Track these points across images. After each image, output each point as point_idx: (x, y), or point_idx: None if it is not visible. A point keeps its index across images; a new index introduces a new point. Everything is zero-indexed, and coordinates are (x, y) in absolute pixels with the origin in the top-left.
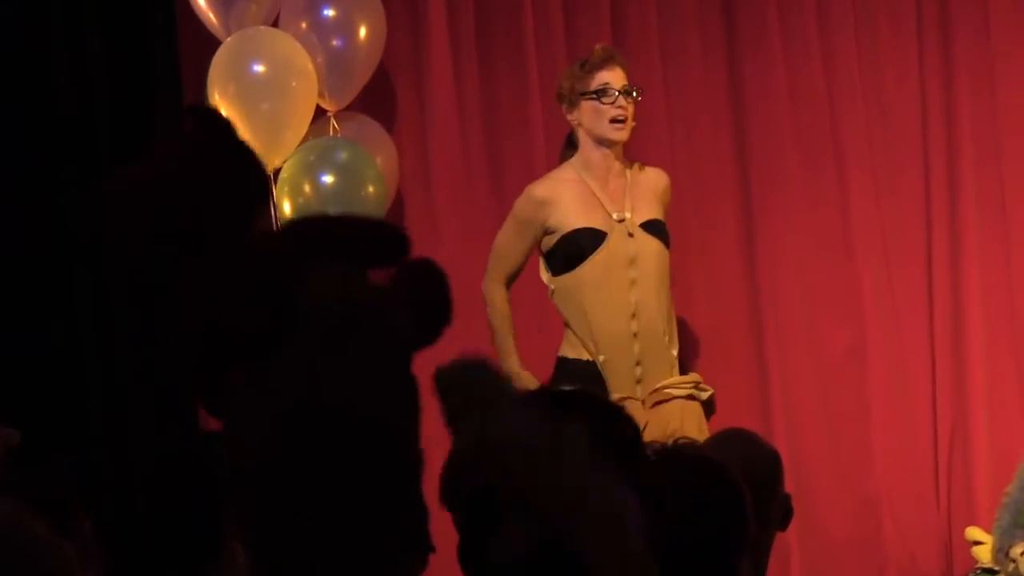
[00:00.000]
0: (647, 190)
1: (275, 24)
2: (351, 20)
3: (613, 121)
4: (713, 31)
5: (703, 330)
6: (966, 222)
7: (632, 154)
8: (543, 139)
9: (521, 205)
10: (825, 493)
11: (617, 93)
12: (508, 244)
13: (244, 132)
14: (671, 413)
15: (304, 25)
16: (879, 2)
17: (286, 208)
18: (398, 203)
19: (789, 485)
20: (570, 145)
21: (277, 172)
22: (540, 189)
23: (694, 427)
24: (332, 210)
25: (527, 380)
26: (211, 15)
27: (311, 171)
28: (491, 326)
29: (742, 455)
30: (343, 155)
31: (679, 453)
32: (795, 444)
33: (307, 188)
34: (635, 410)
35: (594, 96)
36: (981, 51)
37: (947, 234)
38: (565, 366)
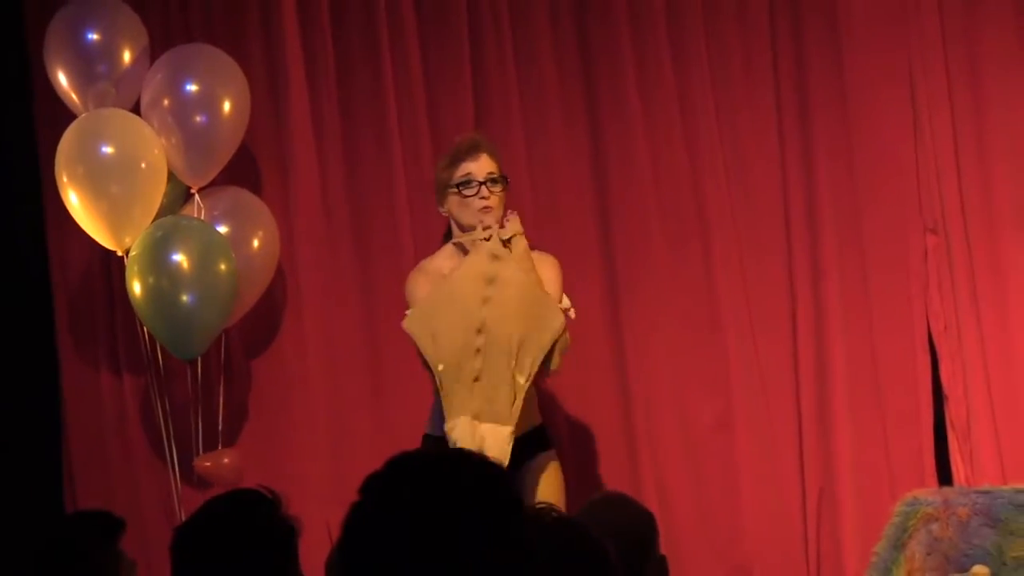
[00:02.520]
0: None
1: (137, 102)
2: (214, 95)
3: (479, 211)
4: (576, 113)
5: (572, 403)
6: (828, 292)
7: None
8: (407, 213)
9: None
10: (696, 564)
11: (479, 184)
12: None
13: (93, 214)
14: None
15: (167, 102)
16: (738, 83)
17: (136, 289)
18: (279, 275)
19: None
20: (449, 236)
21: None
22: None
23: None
24: (186, 292)
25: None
26: (72, 95)
27: (161, 251)
28: None
29: (616, 517)
30: (193, 233)
31: (540, 517)
32: (665, 515)
33: (158, 269)
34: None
35: (456, 189)
36: (839, 126)
37: (811, 304)
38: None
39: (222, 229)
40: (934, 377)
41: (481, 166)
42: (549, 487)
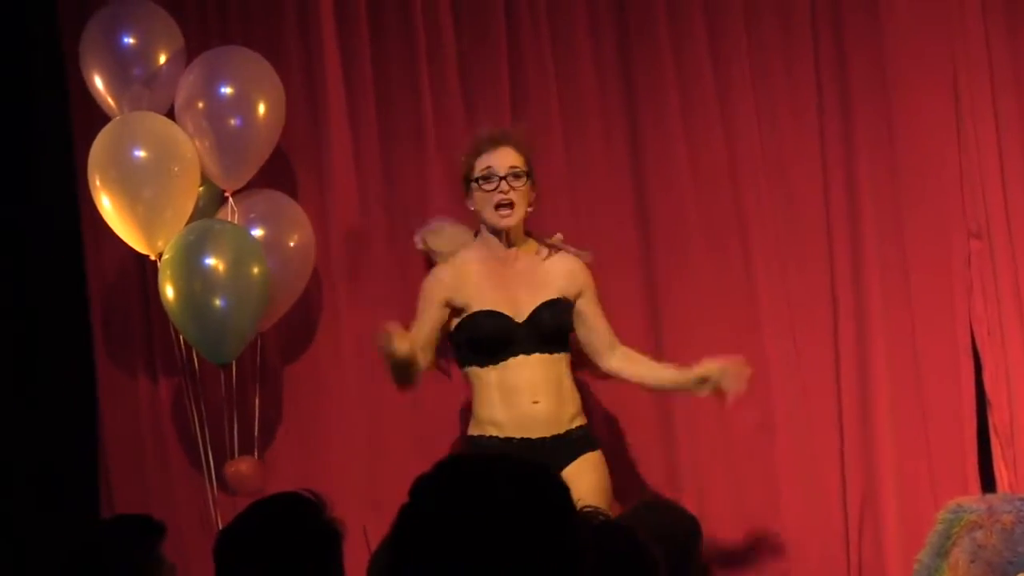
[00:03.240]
0: (548, 275)
1: (172, 105)
2: (249, 98)
3: (499, 207)
4: (614, 112)
5: (610, 405)
6: (870, 295)
7: (536, 232)
8: (444, 215)
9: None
10: (735, 569)
11: (500, 178)
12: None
13: (126, 217)
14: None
15: (201, 104)
16: (779, 79)
17: (168, 293)
18: (315, 279)
19: None
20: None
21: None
22: (445, 271)
23: (594, 478)
24: (218, 296)
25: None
26: (108, 98)
27: (193, 255)
28: None
29: (660, 521)
30: (226, 237)
31: (588, 520)
32: (704, 520)
33: (190, 272)
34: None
35: (477, 182)
36: (882, 124)
37: (852, 307)
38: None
39: (258, 232)
40: (977, 382)
41: (503, 159)
42: (596, 487)
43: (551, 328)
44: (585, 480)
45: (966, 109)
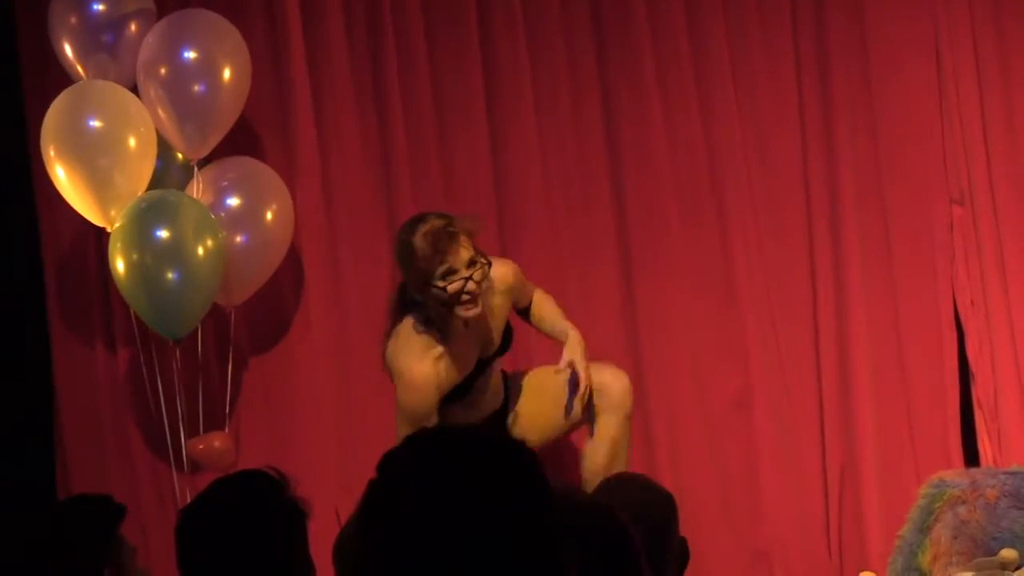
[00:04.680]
0: (495, 310)
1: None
2: (214, 62)
3: (463, 304)
4: (588, 84)
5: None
6: (850, 265)
7: (509, 207)
8: (409, 191)
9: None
10: (714, 547)
11: (464, 279)
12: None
13: (80, 188)
14: None
15: (163, 70)
16: (756, 49)
17: (119, 265)
18: (293, 251)
19: None
20: (404, 300)
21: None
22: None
23: None
24: (170, 268)
25: None
26: (77, 66)
27: (144, 226)
28: None
29: (636, 498)
30: (179, 208)
31: (566, 497)
32: (682, 496)
33: (141, 244)
34: None
35: (438, 286)
36: (862, 89)
37: (832, 278)
38: None
39: (233, 201)
40: (960, 354)
41: (460, 255)
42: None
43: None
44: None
45: (948, 72)
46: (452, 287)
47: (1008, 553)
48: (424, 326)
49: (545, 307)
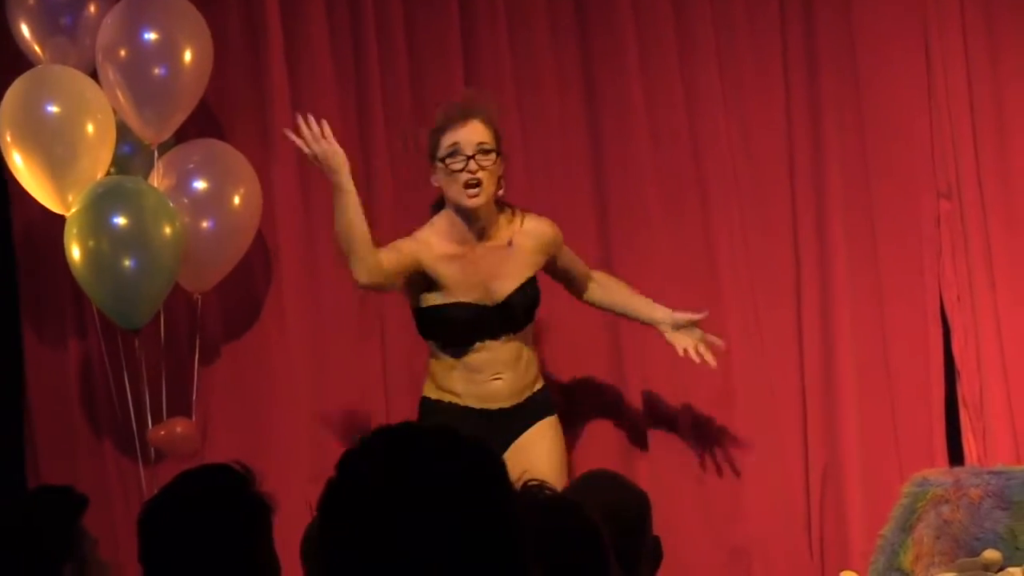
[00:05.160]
0: (518, 254)
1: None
2: (174, 44)
3: (467, 186)
4: (570, 67)
5: (564, 375)
6: (835, 259)
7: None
8: (389, 173)
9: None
10: (692, 546)
11: (467, 157)
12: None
13: (37, 174)
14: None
15: (123, 52)
16: (742, 40)
17: (74, 252)
18: (259, 239)
19: None
20: (439, 206)
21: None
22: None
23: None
24: (127, 256)
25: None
26: (35, 47)
27: (101, 212)
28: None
29: (608, 497)
30: (136, 194)
31: (533, 494)
32: (660, 494)
33: (97, 230)
34: None
35: (443, 161)
36: (848, 83)
37: (816, 272)
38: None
39: (199, 185)
40: (946, 350)
41: (470, 135)
42: (551, 452)
43: (521, 312)
44: (540, 446)
45: (937, 65)
46: (454, 164)
47: (991, 554)
48: (446, 223)
49: (624, 289)
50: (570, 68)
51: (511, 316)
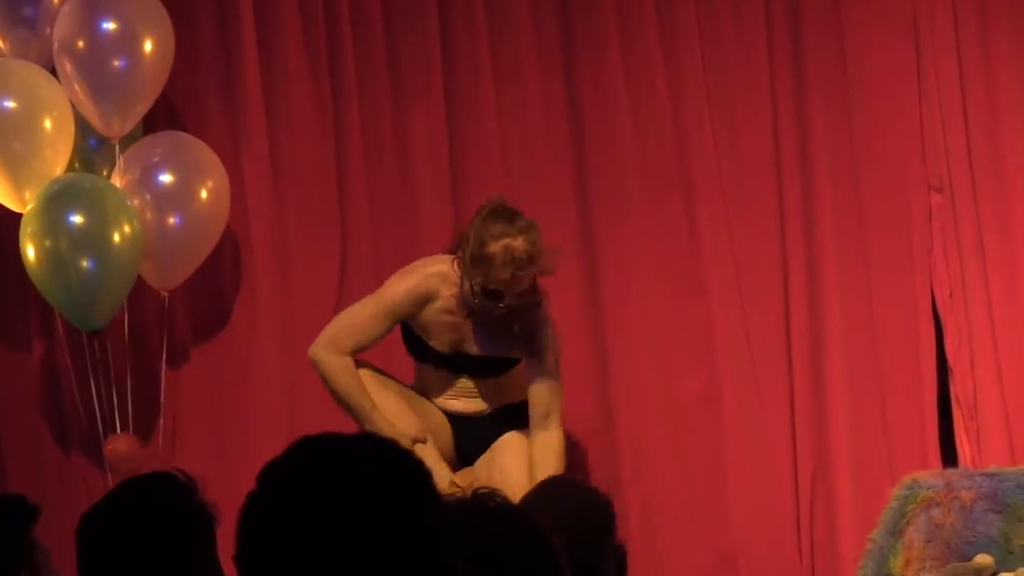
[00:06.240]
0: (509, 332)
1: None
2: (133, 35)
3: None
4: (550, 58)
5: None
6: (824, 255)
7: (466, 184)
8: (362, 165)
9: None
10: (678, 549)
11: (503, 302)
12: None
13: None
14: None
15: (80, 43)
16: (726, 27)
17: (30, 252)
18: (229, 234)
19: (639, 541)
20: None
21: None
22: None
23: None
24: (85, 256)
25: (403, 435)
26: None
27: (57, 210)
28: (337, 390)
29: (569, 503)
30: (94, 192)
31: (481, 503)
32: (645, 496)
33: (54, 229)
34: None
35: (479, 286)
36: (836, 73)
37: (804, 268)
38: None
39: (165, 179)
40: (938, 348)
41: (517, 286)
42: (527, 459)
43: (502, 369)
44: (516, 449)
45: (927, 53)
46: (488, 297)
47: (983, 559)
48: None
49: (548, 461)
50: (551, 57)
51: (491, 370)
